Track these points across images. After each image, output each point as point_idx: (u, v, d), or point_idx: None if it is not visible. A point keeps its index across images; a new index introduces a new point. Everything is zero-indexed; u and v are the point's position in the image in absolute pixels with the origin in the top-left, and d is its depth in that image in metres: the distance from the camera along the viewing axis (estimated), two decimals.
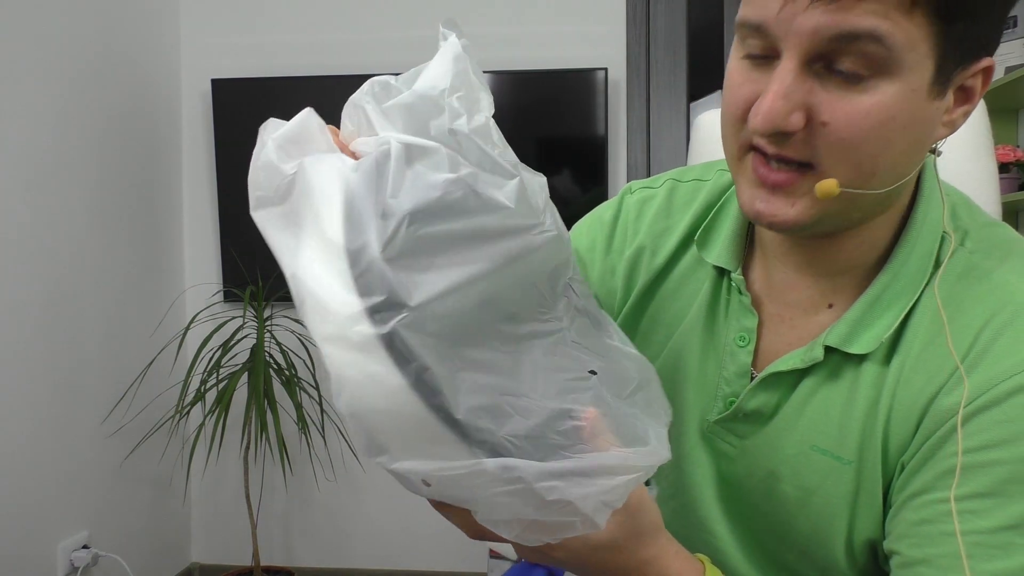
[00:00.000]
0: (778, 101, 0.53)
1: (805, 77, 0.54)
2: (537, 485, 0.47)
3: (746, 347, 0.68)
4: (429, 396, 0.45)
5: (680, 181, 0.78)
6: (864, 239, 0.64)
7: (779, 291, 0.69)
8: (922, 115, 0.56)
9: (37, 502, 1.93)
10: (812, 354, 0.64)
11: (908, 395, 0.61)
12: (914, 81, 0.54)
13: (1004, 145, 2.21)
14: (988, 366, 0.57)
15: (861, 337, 0.63)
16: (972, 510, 0.56)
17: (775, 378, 0.66)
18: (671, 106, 2.45)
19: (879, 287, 0.63)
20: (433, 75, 0.50)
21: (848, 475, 0.63)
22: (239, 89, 2.42)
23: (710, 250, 0.72)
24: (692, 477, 0.72)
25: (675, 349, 0.73)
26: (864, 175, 0.56)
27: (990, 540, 0.55)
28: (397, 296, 0.43)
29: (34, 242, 1.92)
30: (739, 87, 0.58)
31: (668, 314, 0.75)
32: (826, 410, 0.64)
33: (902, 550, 0.60)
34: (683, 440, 0.72)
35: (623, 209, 0.79)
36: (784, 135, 0.55)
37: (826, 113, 0.54)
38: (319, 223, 0.46)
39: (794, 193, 0.57)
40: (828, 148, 0.55)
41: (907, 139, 0.56)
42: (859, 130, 0.54)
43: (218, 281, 2.54)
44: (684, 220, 0.75)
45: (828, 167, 0.56)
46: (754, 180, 0.59)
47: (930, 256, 0.63)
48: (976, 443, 0.56)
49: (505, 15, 2.42)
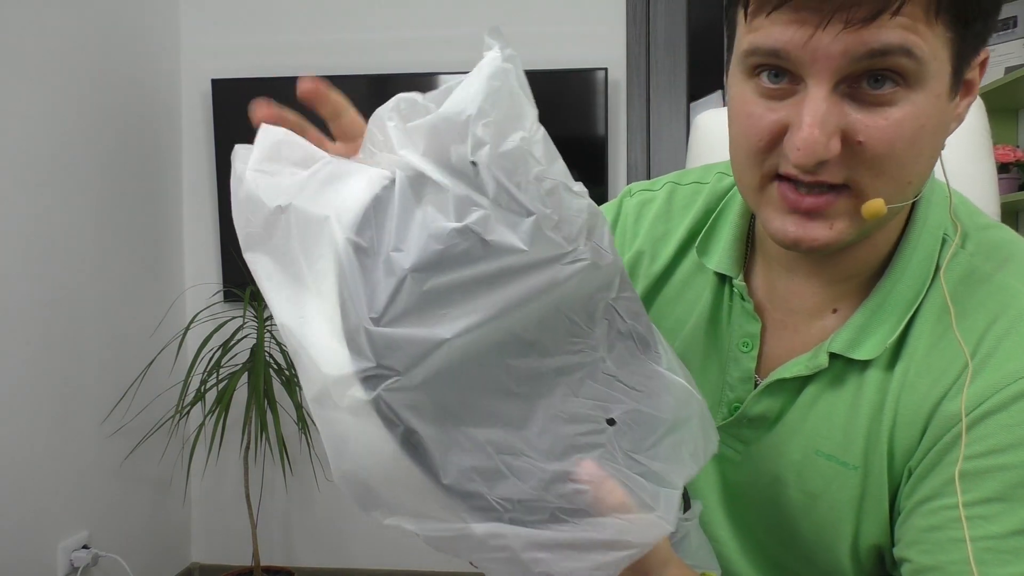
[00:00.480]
0: (816, 131, 0.52)
1: (835, 100, 0.53)
2: (523, 555, 0.45)
3: (750, 352, 0.68)
4: (419, 459, 0.43)
5: (679, 184, 0.78)
6: (871, 244, 0.63)
7: (783, 297, 0.68)
8: (944, 118, 0.56)
9: (37, 502, 1.93)
10: (817, 361, 0.64)
11: (913, 399, 0.60)
12: (937, 87, 0.54)
13: (1004, 145, 2.21)
14: (992, 370, 0.57)
15: (865, 343, 0.62)
16: (982, 515, 0.56)
17: (779, 384, 0.66)
18: (671, 106, 2.45)
19: (883, 292, 0.63)
20: (463, 96, 0.46)
21: (853, 480, 0.63)
22: (239, 89, 2.42)
23: (711, 256, 0.71)
24: (696, 482, 0.72)
25: (678, 355, 0.73)
26: (902, 187, 0.56)
27: (1001, 545, 0.55)
28: (387, 360, 0.42)
29: (34, 242, 1.92)
30: (758, 118, 0.56)
31: (669, 320, 0.74)
32: (830, 415, 0.64)
33: (913, 557, 0.59)
34: None
35: (622, 212, 0.79)
36: (822, 164, 0.54)
37: (861, 133, 0.53)
38: (314, 274, 0.44)
39: (832, 215, 0.56)
40: (866, 166, 0.54)
41: (935, 145, 0.56)
42: (895, 144, 0.53)
43: (218, 281, 2.54)
44: (683, 224, 0.74)
45: (865, 185, 0.55)
46: (783, 207, 0.57)
47: (931, 259, 0.62)
48: (983, 448, 0.56)
49: (505, 15, 2.42)
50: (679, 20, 2.44)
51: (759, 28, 0.54)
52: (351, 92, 0.52)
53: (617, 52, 2.40)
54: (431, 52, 2.44)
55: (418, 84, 2.36)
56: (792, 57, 0.53)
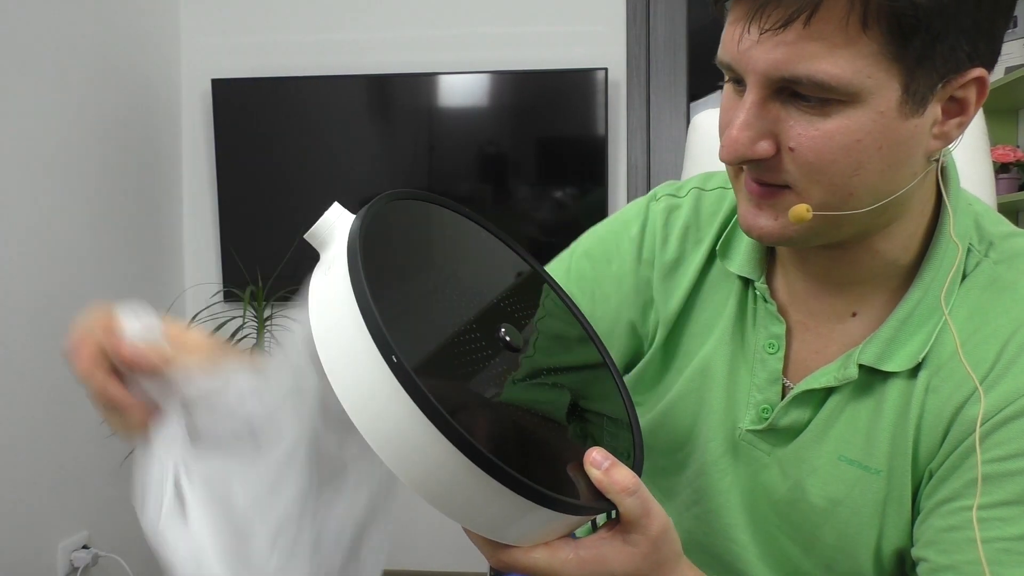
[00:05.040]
0: (742, 132, 0.56)
1: (772, 105, 0.56)
2: None
3: (776, 354, 0.69)
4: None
5: (704, 190, 0.78)
6: (879, 250, 0.64)
7: (802, 299, 0.69)
8: (897, 135, 0.55)
9: (37, 502, 1.93)
10: (847, 372, 0.64)
11: (936, 403, 0.61)
12: (880, 103, 0.54)
13: (1004, 145, 2.20)
14: (1014, 377, 0.58)
15: (896, 355, 0.63)
16: (1000, 518, 0.57)
17: (808, 395, 0.67)
18: (671, 106, 2.45)
19: (911, 303, 0.63)
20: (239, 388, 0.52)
21: (877, 484, 0.64)
22: (239, 89, 2.42)
23: (732, 259, 0.72)
24: (718, 484, 0.72)
25: (704, 358, 0.73)
26: (840, 196, 0.57)
27: (1017, 547, 0.56)
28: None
29: (34, 242, 1.93)
30: (726, 112, 0.60)
31: (698, 324, 0.75)
32: (854, 422, 0.65)
33: (930, 556, 0.60)
34: (710, 447, 0.72)
35: (650, 217, 0.79)
36: (754, 162, 0.57)
37: (792, 139, 0.56)
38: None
39: (776, 207, 0.60)
40: (799, 172, 0.57)
41: (883, 160, 0.56)
42: (824, 154, 0.55)
43: (218, 281, 2.54)
44: (712, 230, 0.76)
45: (803, 188, 0.58)
46: (746, 194, 0.61)
47: (959, 270, 0.63)
48: (1002, 453, 0.57)
49: (505, 15, 2.42)
50: (679, 20, 2.44)
51: (722, 41, 0.58)
52: (351, 92, 0.52)
53: (617, 52, 2.40)
54: (431, 52, 2.44)
55: (418, 84, 2.37)
56: (732, 61, 0.57)
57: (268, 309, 2.34)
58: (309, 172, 2.40)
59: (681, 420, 0.74)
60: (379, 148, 2.38)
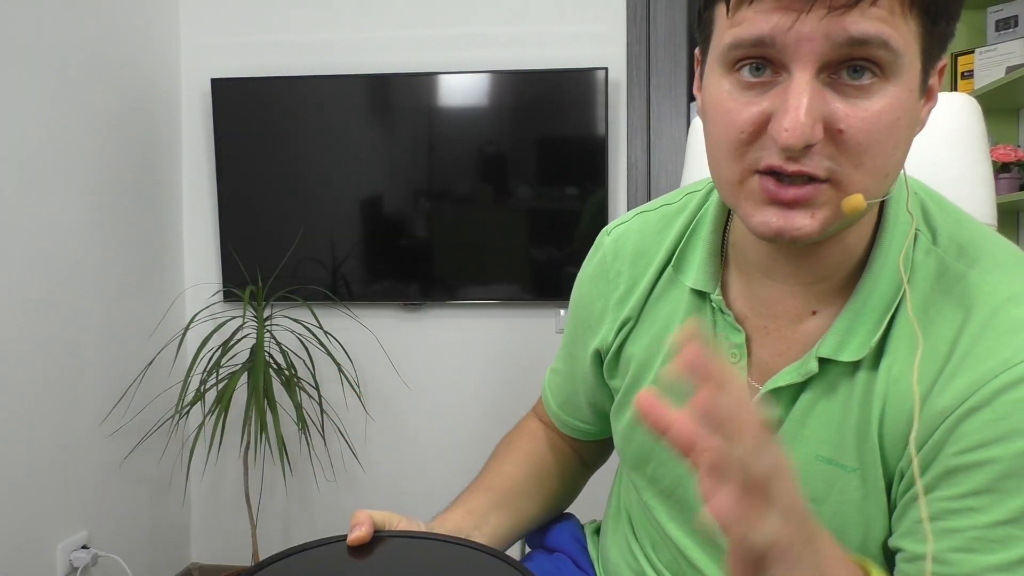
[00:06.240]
0: (803, 114, 0.53)
1: (817, 88, 0.54)
2: None
3: (739, 362, 0.70)
4: None
5: (649, 211, 0.81)
6: (846, 244, 0.65)
7: (764, 304, 0.70)
8: (916, 114, 0.58)
9: (37, 502, 1.93)
10: (808, 367, 0.65)
11: (898, 396, 0.62)
12: (910, 81, 0.56)
13: (1004, 145, 2.20)
14: (972, 367, 0.59)
15: (850, 344, 0.64)
16: (971, 507, 0.58)
17: (774, 394, 0.67)
18: (671, 106, 2.45)
19: (863, 293, 0.64)
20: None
21: (854, 482, 0.64)
22: (239, 89, 2.42)
23: (687, 273, 0.74)
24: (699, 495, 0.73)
25: (664, 372, 0.74)
26: (879, 179, 0.57)
27: (989, 535, 0.57)
28: None
29: (34, 242, 1.93)
30: (739, 112, 0.57)
31: (653, 339, 0.76)
32: (826, 420, 0.65)
33: (906, 546, 0.62)
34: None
35: (603, 252, 0.83)
36: (806, 149, 0.55)
37: (842, 121, 0.55)
38: None
39: (813, 204, 0.57)
40: (847, 156, 0.55)
41: (908, 139, 0.58)
42: (874, 134, 0.55)
43: (218, 281, 2.54)
44: (661, 248, 0.77)
45: (845, 176, 0.56)
46: (764, 199, 0.58)
47: (907, 257, 0.64)
48: (971, 443, 0.58)
49: (505, 15, 2.42)
50: (679, 20, 2.44)
51: (742, 21, 0.55)
52: (351, 92, 0.52)
53: (617, 52, 2.40)
54: (431, 52, 2.43)
55: (418, 84, 2.37)
56: (777, 43, 0.54)
57: (268, 309, 2.34)
58: (309, 172, 2.40)
59: (647, 435, 0.76)
60: (379, 148, 2.38)
